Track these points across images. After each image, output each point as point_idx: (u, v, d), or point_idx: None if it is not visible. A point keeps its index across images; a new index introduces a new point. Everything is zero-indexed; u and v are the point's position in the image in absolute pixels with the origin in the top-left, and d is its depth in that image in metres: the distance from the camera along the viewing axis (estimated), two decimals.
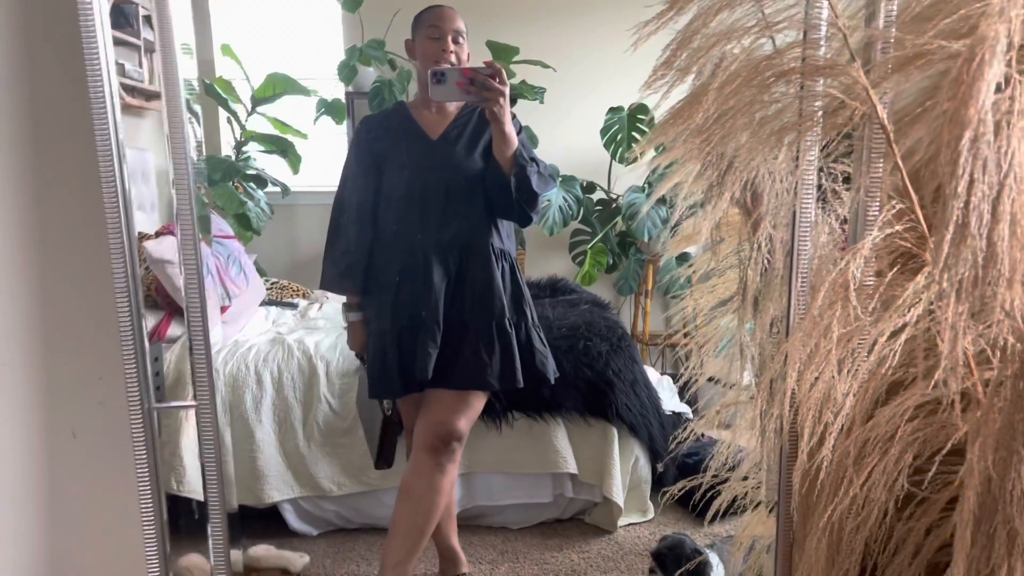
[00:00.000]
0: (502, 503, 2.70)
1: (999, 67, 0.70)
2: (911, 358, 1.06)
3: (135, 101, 3.34)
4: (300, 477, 2.61)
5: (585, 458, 2.66)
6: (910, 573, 1.09)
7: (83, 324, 1.25)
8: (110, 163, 1.04)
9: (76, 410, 1.26)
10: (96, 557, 1.31)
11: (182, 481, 2.44)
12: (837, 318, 1.00)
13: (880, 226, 0.95)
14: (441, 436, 2.01)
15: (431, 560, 2.44)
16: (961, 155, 0.68)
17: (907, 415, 1.04)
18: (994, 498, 0.82)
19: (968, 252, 0.69)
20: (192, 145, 1.21)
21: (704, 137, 1.05)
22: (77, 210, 1.25)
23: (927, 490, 1.08)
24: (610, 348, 2.76)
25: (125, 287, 1.05)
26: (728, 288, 1.60)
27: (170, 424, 2.45)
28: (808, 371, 1.05)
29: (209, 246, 2.90)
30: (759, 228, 1.30)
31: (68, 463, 1.27)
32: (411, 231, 2.00)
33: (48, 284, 1.25)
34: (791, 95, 1.06)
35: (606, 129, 3.96)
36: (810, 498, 1.16)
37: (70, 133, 1.25)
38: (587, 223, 4.14)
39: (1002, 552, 0.82)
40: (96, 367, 1.24)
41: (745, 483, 1.71)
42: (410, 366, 1.98)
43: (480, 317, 2.01)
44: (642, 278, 4.16)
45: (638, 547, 2.57)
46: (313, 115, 4.09)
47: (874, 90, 0.94)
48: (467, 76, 1.80)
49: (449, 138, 2.04)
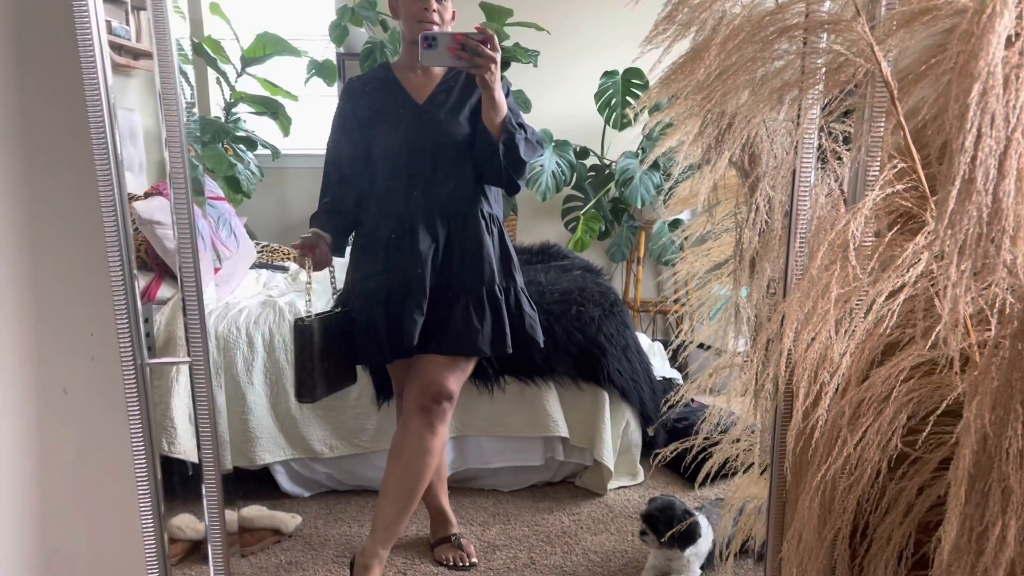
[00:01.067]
0: (493, 466, 2.71)
1: (1009, 19, 0.69)
2: (908, 319, 1.06)
3: (122, 60, 3.28)
4: (292, 439, 2.61)
5: (576, 422, 2.68)
6: (901, 531, 1.10)
7: (74, 280, 1.23)
8: (101, 121, 1.02)
9: (67, 366, 1.25)
10: (88, 513, 1.31)
11: (173, 442, 2.43)
12: (836, 278, 0.99)
13: (881, 185, 0.95)
14: (432, 396, 2.01)
15: (422, 521, 2.46)
16: (969, 109, 0.67)
17: (902, 376, 1.05)
18: (989, 456, 0.83)
19: (973, 208, 0.69)
20: (183, 106, 1.19)
21: (705, 94, 1.03)
22: (68, 166, 1.23)
23: (920, 450, 1.08)
24: (602, 313, 2.76)
25: (117, 241, 1.03)
26: (724, 251, 1.60)
27: (161, 385, 2.44)
28: (805, 331, 1.04)
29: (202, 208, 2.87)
30: (756, 189, 1.29)
31: (59, 419, 1.26)
32: (397, 197, 1.98)
33: (39, 240, 1.23)
34: (793, 52, 1.04)
35: (600, 93, 3.92)
36: (804, 458, 1.17)
37: (60, 90, 1.23)
38: (580, 189, 4.12)
39: (996, 510, 0.83)
40: (87, 323, 1.23)
41: (736, 445, 1.72)
42: (398, 332, 1.98)
43: (470, 283, 1.99)
44: (634, 245, 4.15)
45: (628, 510, 2.59)
46: (304, 76, 4.04)
47: (879, 46, 0.93)
48: (458, 41, 1.76)
49: (436, 101, 2.00)
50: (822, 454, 1.10)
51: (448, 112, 1.99)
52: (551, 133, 4.00)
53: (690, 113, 1.04)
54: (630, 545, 2.38)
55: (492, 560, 2.30)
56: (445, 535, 2.35)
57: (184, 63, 1.26)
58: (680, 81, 1.03)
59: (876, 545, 1.13)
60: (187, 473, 2.27)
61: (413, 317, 1.96)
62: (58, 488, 1.29)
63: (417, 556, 2.34)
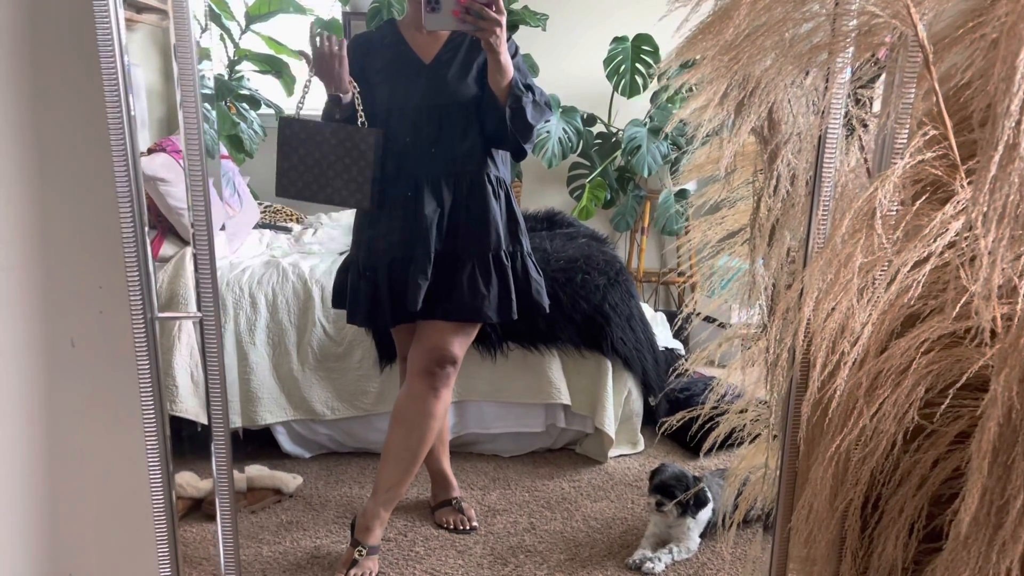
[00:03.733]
0: (494, 431, 2.71)
1: None
2: (931, 291, 1.04)
3: (126, 13, 3.23)
4: (293, 400, 2.61)
5: (578, 390, 2.67)
6: (913, 504, 1.09)
7: (84, 232, 1.21)
8: (113, 71, 0.99)
9: (75, 319, 1.23)
10: (95, 467, 1.30)
11: (175, 400, 2.43)
12: (860, 247, 0.98)
13: (911, 153, 0.92)
14: (436, 359, 2.00)
15: (423, 484, 2.47)
16: (1017, 71, 0.65)
17: (923, 348, 1.03)
18: (1014, 429, 0.82)
19: (1016, 175, 0.67)
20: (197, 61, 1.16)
21: (732, 55, 1.01)
22: (80, 118, 1.20)
23: (937, 423, 1.07)
24: (607, 282, 2.75)
25: (128, 194, 1.01)
26: (739, 220, 1.58)
27: (162, 343, 2.43)
28: (826, 301, 1.03)
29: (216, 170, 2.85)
30: (777, 157, 1.27)
31: (66, 371, 1.25)
32: (402, 158, 1.94)
33: (49, 191, 1.21)
34: (824, 14, 1.02)
35: (609, 59, 3.87)
36: (818, 429, 1.16)
37: (71, 42, 1.20)
38: (586, 156, 4.08)
39: (1018, 484, 0.82)
40: (96, 276, 1.21)
41: (743, 416, 1.72)
42: (402, 296, 1.96)
43: (476, 248, 1.97)
44: (639, 215, 4.12)
45: (628, 478, 2.60)
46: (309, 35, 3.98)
47: (915, 8, 0.90)
48: (463, 4, 1.72)
49: (442, 61, 1.96)
50: (837, 425, 1.09)
51: (456, 72, 1.94)
52: (558, 99, 3.95)
53: (717, 75, 1.02)
54: (629, 512, 2.39)
55: (492, 524, 2.31)
56: (446, 498, 2.35)
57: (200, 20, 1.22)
58: (707, 41, 1.00)
59: (887, 517, 1.12)
60: (189, 431, 2.27)
61: (418, 282, 1.93)
62: (64, 439, 1.28)
63: (418, 519, 2.34)
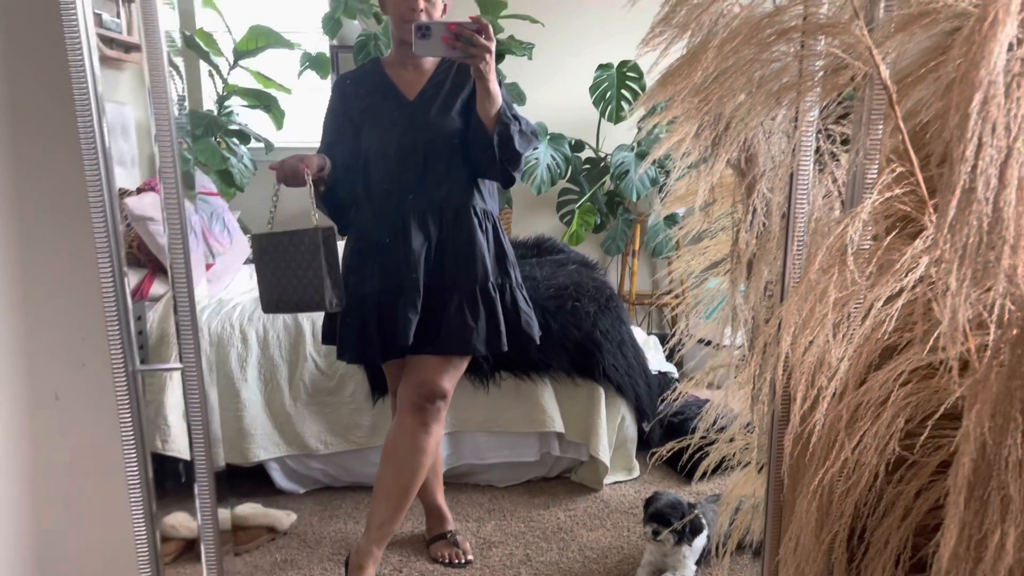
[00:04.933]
0: (489, 461, 2.71)
1: (1012, 27, 0.68)
2: (906, 323, 1.05)
3: (113, 53, 3.25)
4: (286, 436, 2.60)
5: (572, 417, 2.67)
6: (899, 535, 1.10)
7: (65, 284, 1.22)
8: (89, 117, 1.00)
9: (59, 372, 1.23)
10: (81, 518, 1.30)
11: (167, 440, 2.42)
12: (834, 282, 0.99)
13: (879, 189, 0.94)
14: (425, 395, 2.00)
15: (418, 518, 2.46)
16: (970, 117, 0.66)
17: (900, 380, 1.04)
18: (989, 464, 0.82)
19: (974, 217, 0.68)
20: (174, 99, 1.17)
21: (702, 96, 1.02)
22: (57, 166, 1.21)
23: (918, 454, 1.08)
24: (598, 308, 2.76)
25: (107, 246, 1.02)
26: (720, 250, 1.59)
27: (155, 383, 2.43)
28: (802, 335, 1.04)
29: (193, 203, 2.85)
30: (753, 190, 1.28)
31: (51, 425, 1.25)
32: (390, 195, 1.96)
33: (28, 242, 1.21)
34: (791, 54, 1.03)
35: (595, 86, 3.91)
36: (801, 461, 1.16)
37: (47, 88, 1.21)
38: (575, 182, 4.10)
39: (995, 518, 0.82)
40: (79, 328, 1.22)
41: (733, 444, 1.72)
42: (392, 331, 1.96)
43: (464, 281, 1.98)
44: (630, 238, 4.14)
45: (624, 505, 2.59)
46: (297, 69, 4.01)
47: (877, 49, 0.92)
48: (453, 31, 1.74)
49: (426, 97, 1.98)
50: (819, 458, 1.10)
51: (439, 108, 1.96)
52: (546, 126, 3.99)
53: (687, 116, 1.03)
54: (626, 541, 2.38)
55: (488, 557, 2.30)
56: (441, 532, 2.34)
57: (174, 55, 1.24)
58: (677, 84, 1.02)
59: (873, 549, 1.12)
60: (181, 471, 2.26)
61: (408, 316, 1.94)
62: (51, 494, 1.28)
63: (413, 553, 2.33)
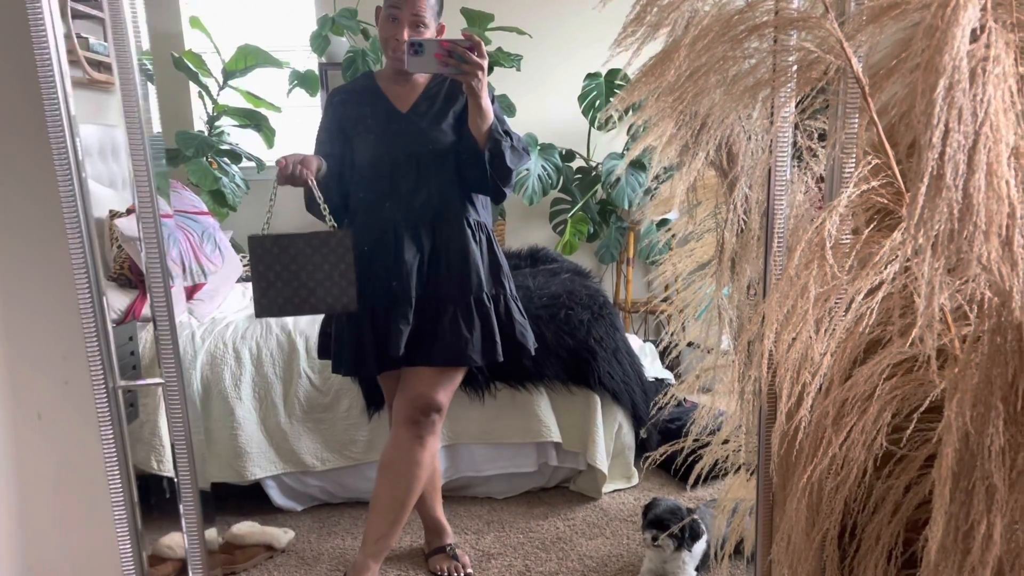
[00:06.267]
0: (487, 473, 2.70)
1: (974, 12, 0.68)
2: (888, 316, 1.04)
3: (101, 76, 3.26)
4: (283, 453, 2.59)
5: (569, 426, 2.66)
6: (890, 530, 1.09)
7: (45, 303, 1.21)
8: (61, 135, 1.00)
9: (41, 391, 1.23)
10: (67, 539, 1.29)
11: (162, 460, 2.41)
12: (814, 277, 0.98)
13: (856, 182, 0.93)
14: (420, 408, 2.00)
15: (416, 532, 2.44)
16: (936, 104, 0.66)
17: (885, 374, 1.03)
18: (972, 454, 0.81)
19: (944, 204, 0.68)
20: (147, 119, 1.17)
21: (677, 95, 1.02)
22: (35, 186, 1.21)
23: (905, 448, 1.07)
24: (592, 316, 2.75)
25: (83, 264, 1.01)
26: (707, 252, 1.59)
27: (149, 403, 2.42)
28: (785, 332, 1.03)
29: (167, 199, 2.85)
30: (735, 189, 1.28)
31: (35, 444, 1.24)
32: (382, 207, 1.97)
33: (7, 262, 1.21)
34: (764, 50, 1.03)
35: (584, 96, 3.92)
36: (789, 459, 1.15)
37: (22, 111, 1.21)
38: (567, 192, 4.10)
39: (981, 508, 0.82)
40: (60, 347, 1.21)
41: (726, 447, 1.71)
42: (384, 343, 1.96)
43: (457, 292, 1.98)
44: (623, 246, 4.14)
45: (623, 513, 2.57)
46: (286, 87, 4.02)
47: (848, 43, 0.92)
48: (445, 48, 1.75)
49: (419, 110, 1.99)
50: (807, 455, 1.09)
51: (431, 120, 1.97)
52: (536, 137, 3.99)
53: (662, 115, 1.03)
54: (625, 549, 2.36)
55: (487, 569, 2.28)
56: (440, 545, 2.33)
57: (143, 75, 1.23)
58: (650, 84, 1.02)
59: (865, 545, 1.11)
60: (166, 488, 2.24)
61: (399, 327, 1.94)
62: (36, 514, 1.27)
63: (412, 567, 2.32)
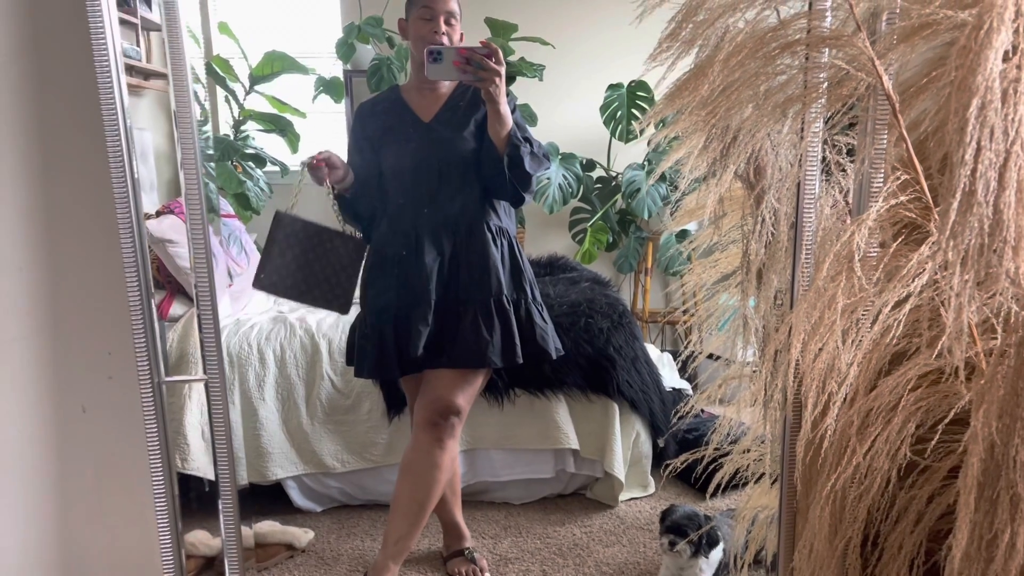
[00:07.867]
0: (504, 479, 2.72)
1: (1007, 35, 0.71)
2: (915, 328, 1.07)
3: (133, 80, 3.31)
4: (304, 454, 2.62)
5: (586, 434, 2.68)
6: (912, 540, 1.10)
7: (92, 300, 1.25)
8: (118, 140, 1.04)
9: (86, 385, 1.27)
10: (106, 531, 1.32)
11: (186, 459, 2.45)
12: (841, 289, 1.00)
13: (885, 196, 0.96)
14: (440, 411, 2.03)
15: (435, 535, 2.47)
16: (968, 122, 0.68)
17: (910, 385, 1.05)
18: (997, 464, 0.83)
19: (975, 220, 0.70)
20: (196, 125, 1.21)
21: (709, 110, 1.05)
22: (85, 187, 1.25)
23: (929, 459, 1.09)
24: (611, 325, 2.77)
25: (134, 261, 1.05)
26: (731, 263, 1.61)
27: (174, 403, 2.46)
28: (812, 342, 1.06)
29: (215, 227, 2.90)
30: (762, 201, 1.30)
31: (78, 438, 1.28)
32: (405, 213, 2.02)
33: (57, 260, 1.25)
34: (796, 67, 1.06)
35: (606, 106, 3.95)
36: (813, 468, 1.17)
37: (77, 112, 1.25)
38: (587, 201, 4.13)
39: (1005, 518, 0.83)
40: (105, 342, 1.25)
41: (747, 456, 1.73)
42: (407, 346, 2.00)
43: (477, 295, 2.01)
44: (642, 256, 4.16)
45: (639, 521, 2.59)
46: (311, 93, 4.08)
47: (880, 61, 0.94)
48: (463, 55, 1.80)
49: (441, 120, 2.03)
50: (831, 464, 1.11)
51: (453, 128, 2.02)
52: (557, 146, 4.03)
53: (695, 128, 1.06)
54: (642, 557, 2.38)
55: (505, 574, 2.30)
56: (458, 549, 2.35)
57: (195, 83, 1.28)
58: (685, 97, 1.04)
59: (887, 554, 1.13)
60: (201, 489, 2.28)
61: (418, 328, 1.98)
62: (77, 506, 1.31)
63: (430, 570, 2.34)
